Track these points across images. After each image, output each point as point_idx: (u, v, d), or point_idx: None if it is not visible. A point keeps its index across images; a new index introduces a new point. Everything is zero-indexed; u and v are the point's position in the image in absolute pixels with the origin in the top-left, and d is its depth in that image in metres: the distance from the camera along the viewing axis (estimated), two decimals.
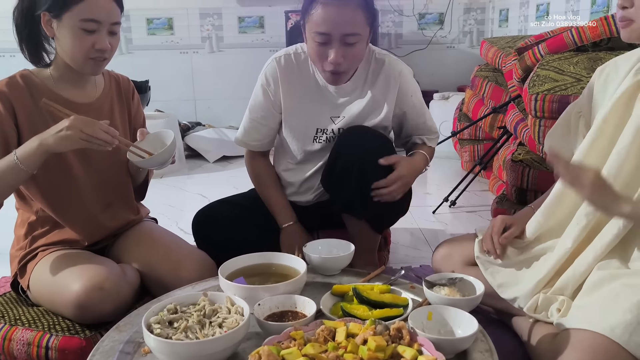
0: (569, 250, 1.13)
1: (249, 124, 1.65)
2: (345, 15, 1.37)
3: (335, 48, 1.39)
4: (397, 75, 1.55)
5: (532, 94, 1.80)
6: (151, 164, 1.37)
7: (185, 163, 3.52)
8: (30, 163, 1.25)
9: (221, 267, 1.21)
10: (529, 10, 3.38)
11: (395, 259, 2.01)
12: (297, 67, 1.57)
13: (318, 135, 1.59)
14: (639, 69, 1.15)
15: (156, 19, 3.99)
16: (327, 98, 1.57)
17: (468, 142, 3.08)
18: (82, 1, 1.27)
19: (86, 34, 1.29)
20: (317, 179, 1.62)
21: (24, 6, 1.34)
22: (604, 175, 1.04)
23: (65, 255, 1.39)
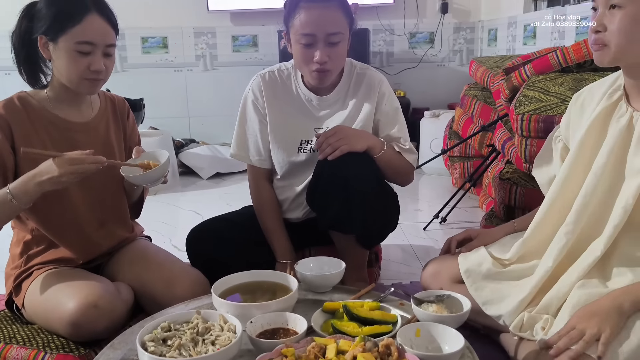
0: (550, 269, 1.17)
1: (242, 137, 1.68)
2: (328, 16, 1.46)
3: (320, 48, 1.47)
4: (378, 82, 1.62)
5: (518, 114, 1.84)
6: (144, 180, 1.39)
7: (179, 180, 3.54)
8: (24, 201, 1.28)
9: (214, 285, 1.23)
10: (517, 30, 3.46)
11: (386, 275, 2.04)
12: (280, 82, 1.64)
13: (302, 145, 1.63)
14: (612, 92, 1.20)
15: (151, 37, 4.05)
16: (309, 110, 1.63)
17: (458, 159, 3.13)
18: (77, 24, 1.31)
19: (81, 56, 1.32)
20: (303, 196, 1.66)
21: (22, 30, 1.38)
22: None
23: (60, 273, 1.40)
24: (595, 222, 1.16)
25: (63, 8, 1.32)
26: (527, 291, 1.17)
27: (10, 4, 3.86)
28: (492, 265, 1.29)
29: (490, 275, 1.28)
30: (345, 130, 1.51)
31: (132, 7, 3.90)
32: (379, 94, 1.61)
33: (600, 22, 1.09)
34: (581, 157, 1.20)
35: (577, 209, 1.16)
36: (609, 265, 1.13)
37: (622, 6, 1.04)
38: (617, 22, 1.05)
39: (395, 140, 1.61)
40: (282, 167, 1.66)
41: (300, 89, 1.63)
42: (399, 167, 1.59)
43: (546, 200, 1.25)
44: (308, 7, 1.45)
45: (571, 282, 1.13)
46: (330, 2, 1.46)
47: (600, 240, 1.13)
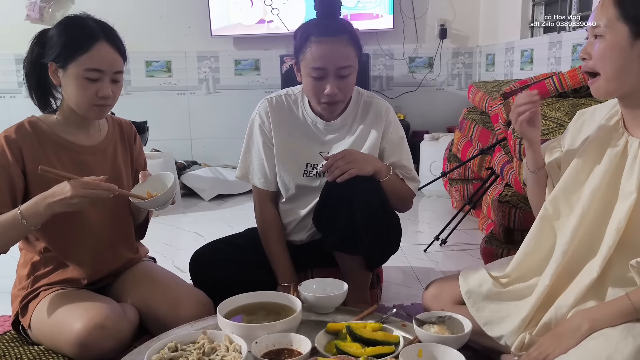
0: (546, 287, 1.19)
1: (248, 159, 1.71)
2: (338, 50, 1.49)
3: (331, 81, 1.50)
4: (385, 111, 1.66)
5: (516, 138, 1.88)
6: (152, 205, 1.42)
7: (181, 201, 3.56)
8: (35, 222, 1.31)
9: (219, 305, 1.25)
10: (514, 55, 3.53)
11: (387, 296, 2.05)
12: (287, 107, 1.67)
13: (308, 169, 1.66)
14: (610, 117, 1.25)
15: (155, 61, 4.11)
16: (316, 135, 1.66)
17: (458, 181, 3.17)
18: (86, 52, 1.35)
19: (90, 83, 1.37)
20: (310, 219, 1.68)
21: (33, 56, 1.43)
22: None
23: (67, 294, 1.43)
24: (590, 242, 1.19)
25: (73, 36, 1.37)
26: (526, 311, 1.19)
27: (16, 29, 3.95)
28: (492, 286, 1.31)
29: (490, 295, 1.30)
30: (354, 154, 1.55)
31: (136, 32, 3.98)
32: (386, 122, 1.66)
33: (586, 51, 1.16)
34: (577, 177, 1.23)
35: (572, 229, 1.19)
36: (604, 286, 1.16)
37: (603, 35, 1.11)
38: (597, 49, 1.12)
39: (399, 167, 1.65)
40: (287, 191, 1.69)
41: (307, 114, 1.67)
42: (401, 194, 1.62)
43: (539, 219, 1.28)
44: (319, 42, 1.49)
45: (569, 304, 1.15)
46: (340, 37, 1.50)
47: (595, 261, 1.16)
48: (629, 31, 1.08)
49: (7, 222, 1.31)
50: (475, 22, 4.18)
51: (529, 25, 3.47)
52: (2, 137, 1.39)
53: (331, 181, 1.51)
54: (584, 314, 1.08)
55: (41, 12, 3.87)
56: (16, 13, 3.85)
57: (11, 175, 1.37)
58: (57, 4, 3.94)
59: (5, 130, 1.41)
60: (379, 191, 1.54)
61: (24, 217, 1.29)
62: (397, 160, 1.66)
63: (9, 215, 1.31)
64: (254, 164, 1.70)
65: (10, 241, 1.36)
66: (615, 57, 1.10)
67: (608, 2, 1.10)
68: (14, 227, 1.30)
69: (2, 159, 1.37)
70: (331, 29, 1.51)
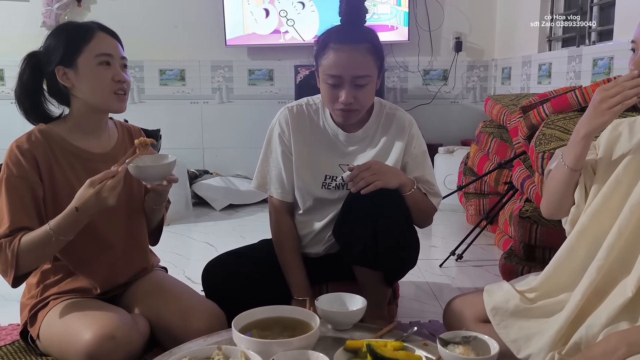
0: (578, 303, 1.14)
1: (266, 169, 1.67)
2: (356, 59, 1.46)
3: (346, 90, 1.47)
4: (409, 124, 1.63)
5: (538, 152, 1.84)
6: (149, 173, 1.37)
7: (192, 211, 3.54)
8: (71, 234, 1.31)
9: (235, 320, 1.21)
10: (532, 69, 3.49)
11: (402, 312, 2.00)
12: (308, 116, 1.64)
13: (327, 181, 1.62)
14: None
15: (169, 70, 4.12)
16: (336, 146, 1.62)
17: (473, 195, 3.11)
18: (90, 41, 1.38)
19: (104, 68, 1.39)
20: (327, 231, 1.64)
21: (24, 80, 1.42)
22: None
23: (77, 303, 1.40)
24: (625, 259, 1.14)
25: (71, 34, 1.39)
26: (556, 328, 1.14)
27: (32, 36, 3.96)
28: (520, 302, 1.26)
29: (518, 312, 1.25)
30: (380, 166, 1.51)
31: (151, 41, 4.00)
32: (409, 136, 1.62)
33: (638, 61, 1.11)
34: (616, 192, 1.18)
35: (609, 245, 1.14)
36: (638, 306, 1.11)
37: None
38: None
39: (422, 182, 1.62)
40: (305, 202, 1.65)
41: (328, 124, 1.63)
42: (424, 209, 1.59)
43: (574, 233, 1.23)
44: (337, 49, 1.46)
45: (601, 324, 1.10)
46: (359, 45, 1.46)
47: (630, 279, 1.11)
48: None
49: (40, 241, 1.30)
50: (491, 36, 4.15)
51: (546, 39, 3.44)
52: (14, 147, 1.37)
53: (355, 192, 1.47)
54: (620, 337, 1.03)
55: (57, 20, 3.89)
56: (32, 20, 3.88)
57: (32, 187, 1.36)
58: (72, 11, 3.96)
59: (16, 140, 1.40)
60: (403, 206, 1.50)
61: (58, 233, 1.28)
62: (420, 175, 1.62)
63: (40, 233, 1.30)
64: (271, 174, 1.67)
65: (47, 257, 1.38)
66: None
67: None
68: (48, 244, 1.29)
69: (20, 170, 1.36)
70: (351, 36, 1.48)
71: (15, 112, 1.45)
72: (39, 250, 1.30)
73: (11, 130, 2.03)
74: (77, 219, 1.28)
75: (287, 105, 1.67)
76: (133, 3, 3.99)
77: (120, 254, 1.49)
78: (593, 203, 1.21)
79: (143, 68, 4.03)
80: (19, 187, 1.34)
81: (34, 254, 1.30)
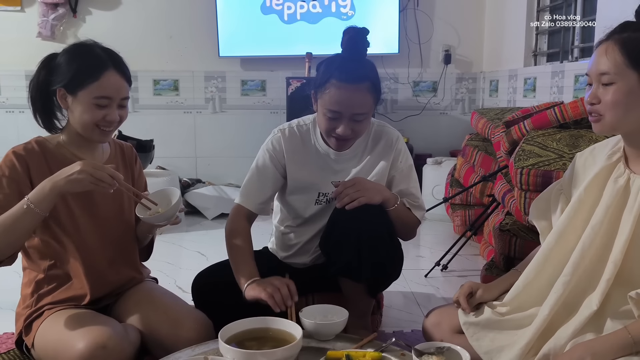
0: (546, 317, 1.21)
1: (254, 185, 1.69)
2: (357, 98, 1.50)
3: (344, 124, 1.52)
4: (395, 139, 1.70)
5: (517, 168, 1.91)
6: (157, 219, 1.44)
7: (184, 220, 3.59)
8: (43, 206, 1.33)
9: (221, 331, 1.26)
10: (518, 83, 3.57)
11: (388, 322, 2.06)
12: (300, 138, 1.69)
13: (320, 198, 1.69)
14: (612, 153, 1.27)
15: (163, 80, 4.18)
16: (328, 165, 1.68)
17: (460, 207, 3.19)
18: (96, 80, 1.40)
19: (98, 109, 1.42)
20: (314, 242, 1.70)
21: (40, 80, 1.47)
22: None
23: (71, 314, 1.44)
24: (590, 276, 1.21)
25: (82, 65, 1.42)
26: (525, 340, 1.21)
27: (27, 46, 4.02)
28: (492, 314, 1.32)
29: (489, 324, 1.31)
30: (364, 182, 1.57)
31: (145, 51, 4.06)
32: (396, 151, 1.69)
33: (595, 96, 1.17)
34: (580, 212, 1.26)
35: (574, 262, 1.21)
36: (603, 318, 1.17)
37: (613, 82, 1.13)
38: (610, 95, 1.14)
39: (407, 195, 1.68)
40: (297, 217, 1.72)
41: (319, 145, 1.68)
42: (407, 222, 1.65)
43: (542, 251, 1.30)
44: (339, 87, 1.49)
45: (567, 335, 1.17)
46: (360, 85, 1.50)
47: (595, 294, 1.18)
48: (638, 77, 1.11)
49: (15, 213, 1.33)
50: (479, 49, 4.24)
51: (532, 54, 3.52)
52: (11, 152, 1.44)
53: (340, 208, 1.53)
54: (585, 347, 1.09)
55: (52, 30, 3.94)
56: (28, 30, 3.93)
57: (21, 190, 1.41)
58: (68, 22, 4.02)
59: (14, 147, 1.46)
60: (386, 220, 1.56)
61: (32, 202, 1.31)
62: (405, 188, 1.69)
63: (16, 207, 1.33)
64: (257, 189, 1.69)
65: (24, 231, 1.37)
66: (629, 102, 1.12)
67: (613, 50, 1.12)
68: (23, 214, 1.32)
69: (13, 172, 1.42)
70: (354, 75, 1.51)
71: (11, 121, 1.51)
72: (16, 222, 1.33)
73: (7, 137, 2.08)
74: (45, 189, 1.31)
75: (280, 127, 1.71)
76: (128, 14, 4.05)
77: (107, 262, 1.54)
78: (558, 223, 1.29)
79: (137, 78, 4.08)
80: (7, 188, 1.40)
81: (8, 226, 1.33)
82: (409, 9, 4.10)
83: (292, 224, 1.76)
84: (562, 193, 1.38)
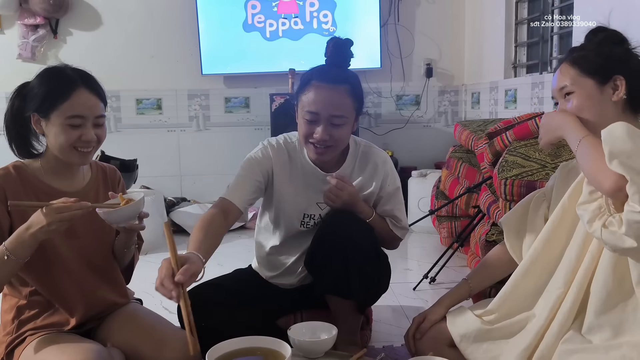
0: (543, 326, 1.23)
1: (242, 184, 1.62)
2: (334, 98, 1.51)
3: (323, 126, 1.51)
4: (382, 163, 1.69)
5: (501, 179, 1.92)
6: (118, 216, 1.40)
7: None
8: (22, 255, 1.32)
9: (209, 352, 1.25)
10: (499, 94, 3.62)
11: (377, 336, 2.04)
12: (287, 154, 1.67)
13: (305, 220, 1.67)
14: None
15: (145, 99, 4.16)
16: (314, 184, 1.66)
17: (446, 218, 3.20)
18: (66, 100, 1.38)
19: (73, 129, 1.40)
20: (301, 263, 1.69)
21: (14, 109, 1.45)
22: None
23: (53, 338, 1.41)
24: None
25: (52, 86, 1.40)
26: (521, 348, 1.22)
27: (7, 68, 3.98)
28: (481, 325, 1.33)
29: (480, 335, 1.32)
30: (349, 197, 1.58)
31: (128, 70, 4.05)
32: (384, 174, 1.68)
33: (562, 108, 1.28)
34: (564, 219, 1.30)
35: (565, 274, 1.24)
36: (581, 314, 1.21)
37: (573, 91, 1.24)
38: (573, 102, 1.24)
39: (391, 217, 1.69)
40: (282, 237, 1.70)
41: (306, 163, 1.66)
42: (385, 236, 1.68)
43: (528, 258, 1.33)
44: (317, 86, 1.51)
45: (554, 334, 1.20)
46: (339, 86, 1.51)
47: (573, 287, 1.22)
48: (594, 82, 1.22)
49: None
50: (460, 62, 4.29)
51: (512, 65, 3.58)
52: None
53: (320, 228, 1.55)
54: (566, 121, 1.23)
55: (33, 51, 3.92)
56: (8, 52, 3.90)
57: None
58: (49, 43, 3.99)
59: (8, 165, 1.44)
60: (370, 234, 1.56)
61: (10, 252, 1.30)
62: (390, 209, 1.69)
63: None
64: (244, 190, 1.61)
65: (6, 277, 1.36)
66: (592, 105, 1.23)
67: (566, 66, 1.27)
68: (4, 264, 1.31)
69: None
70: (333, 76, 1.53)
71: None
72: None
73: None
74: (25, 240, 1.30)
75: (268, 139, 1.69)
76: (109, 34, 4.04)
77: (90, 286, 1.51)
78: (543, 230, 1.31)
79: (120, 97, 4.07)
80: None
81: None
82: (390, 24, 4.15)
83: (275, 246, 1.73)
84: (545, 200, 1.41)
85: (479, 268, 1.53)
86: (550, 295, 1.25)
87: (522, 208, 1.45)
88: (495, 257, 1.52)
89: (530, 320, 1.27)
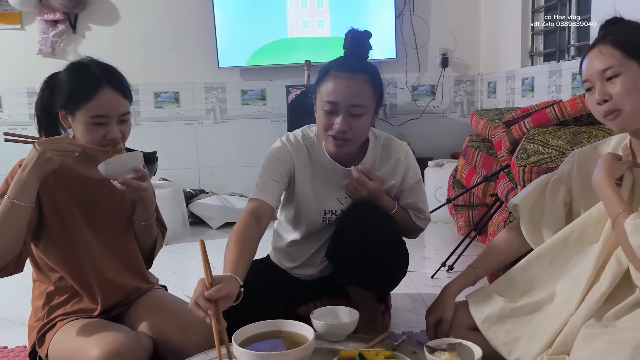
0: (570, 313, 1.24)
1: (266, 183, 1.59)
2: (354, 87, 1.48)
3: (342, 117, 1.48)
4: (404, 156, 1.67)
5: (520, 166, 1.93)
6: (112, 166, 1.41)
7: (189, 230, 3.60)
8: (27, 197, 1.34)
9: (235, 334, 1.27)
10: (515, 83, 3.60)
11: (396, 323, 2.07)
12: (305, 149, 1.65)
13: (327, 216, 1.68)
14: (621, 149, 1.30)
15: (163, 92, 4.21)
16: (334, 180, 1.65)
17: (463, 207, 3.20)
18: (90, 100, 1.40)
19: (97, 127, 1.42)
20: (320, 254, 1.71)
21: (44, 101, 1.49)
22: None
23: (83, 323, 1.46)
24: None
25: (77, 86, 1.42)
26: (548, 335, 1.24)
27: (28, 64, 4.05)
28: (504, 303, 1.35)
29: (503, 315, 1.34)
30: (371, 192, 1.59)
31: (145, 64, 4.10)
32: (406, 167, 1.67)
33: (604, 92, 1.20)
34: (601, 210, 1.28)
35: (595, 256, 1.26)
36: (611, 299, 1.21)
37: (620, 73, 1.17)
38: (620, 85, 1.18)
39: (414, 209, 1.70)
40: (303, 233, 1.71)
41: (325, 159, 1.64)
42: (407, 228, 1.71)
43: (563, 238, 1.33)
44: (336, 76, 1.49)
45: (582, 318, 1.20)
46: (358, 75, 1.49)
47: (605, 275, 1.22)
48: (638, 65, 1.17)
49: (2, 212, 1.33)
50: (476, 51, 4.27)
51: (529, 54, 3.55)
52: (17, 165, 1.44)
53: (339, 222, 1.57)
54: None
55: (53, 47, 3.98)
56: (28, 47, 3.97)
57: None
58: (68, 39, 4.05)
59: (21, 160, 1.46)
60: (390, 224, 1.58)
61: (14, 197, 1.32)
62: (413, 202, 1.70)
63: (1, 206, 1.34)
64: (271, 187, 1.59)
65: (17, 227, 1.35)
66: (638, 88, 1.17)
67: (607, 48, 1.19)
68: (10, 211, 1.32)
69: None
70: (351, 66, 1.51)
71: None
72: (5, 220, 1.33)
73: (9, 154, 2.09)
74: (25, 179, 1.32)
75: (287, 135, 1.66)
76: (127, 29, 4.09)
77: (113, 271, 1.55)
78: (582, 217, 1.32)
79: (138, 92, 4.12)
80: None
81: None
82: (405, 14, 4.14)
83: (296, 240, 1.75)
84: (562, 184, 1.40)
85: (485, 254, 1.52)
86: (579, 280, 1.25)
87: (535, 192, 1.43)
88: (504, 242, 1.50)
89: (551, 300, 1.29)
